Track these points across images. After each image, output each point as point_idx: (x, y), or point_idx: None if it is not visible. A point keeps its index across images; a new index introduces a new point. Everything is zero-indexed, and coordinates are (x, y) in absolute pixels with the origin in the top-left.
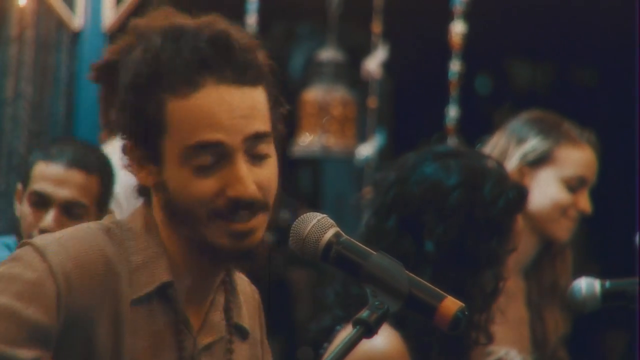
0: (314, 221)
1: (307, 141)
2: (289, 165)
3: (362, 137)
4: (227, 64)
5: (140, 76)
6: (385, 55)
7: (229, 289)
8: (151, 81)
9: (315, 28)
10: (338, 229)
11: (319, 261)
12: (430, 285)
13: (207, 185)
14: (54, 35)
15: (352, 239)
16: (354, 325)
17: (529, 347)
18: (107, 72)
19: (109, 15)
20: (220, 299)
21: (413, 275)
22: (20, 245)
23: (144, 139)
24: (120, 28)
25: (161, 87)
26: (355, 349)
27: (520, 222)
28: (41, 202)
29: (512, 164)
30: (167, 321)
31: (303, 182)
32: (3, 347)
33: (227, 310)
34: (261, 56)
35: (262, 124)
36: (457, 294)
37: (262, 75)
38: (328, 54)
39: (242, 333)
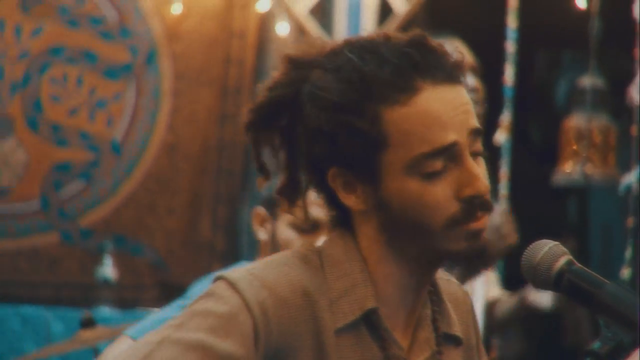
0: (546, 249)
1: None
2: (555, 195)
3: (625, 166)
4: (437, 65)
5: (344, 95)
6: None
7: (434, 299)
8: (360, 96)
9: (579, 55)
10: (570, 256)
11: (551, 289)
12: None
13: (439, 190)
14: None
15: (584, 268)
16: (585, 357)
17: None
18: (270, 112)
19: None
20: (427, 312)
21: None
22: (215, 279)
23: (355, 160)
24: None
25: (371, 99)
26: None
27: None
28: (309, 227)
29: None
30: (375, 347)
31: (569, 211)
32: None
33: (435, 322)
34: (463, 58)
35: (476, 120)
36: None
37: (462, 72)
38: (589, 81)
39: (454, 341)
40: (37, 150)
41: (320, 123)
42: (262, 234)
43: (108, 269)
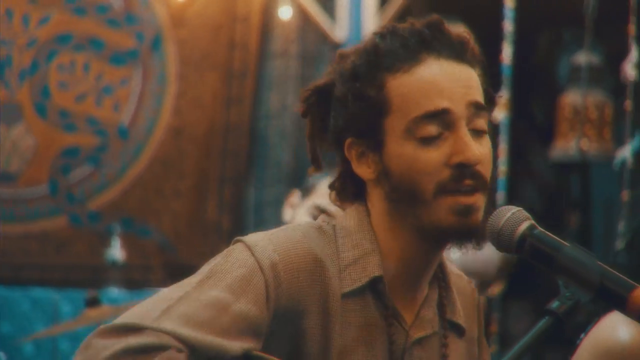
0: (509, 214)
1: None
2: (558, 171)
3: (620, 141)
4: (445, 43)
5: (359, 66)
6: (637, 57)
7: (442, 285)
8: (370, 67)
9: (580, 34)
10: (532, 221)
11: (514, 253)
12: (622, 276)
13: (432, 156)
14: (318, 48)
15: (545, 232)
16: (544, 316)
17: None
18: (317, 99)
19: (371, 26)
20: (434, 296)
21: (605, 267)
22: (234, 242)
23: (364, 127)
24: None
25: (380, 69)
26: (597, 334)
27: None
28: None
29: None
30: (379, 315)
31: (572, 187)
32: (214, 337)
33: (441, 306)
34: (474, 46)
35: (480, 97)
36: None
37: (476, 59)
38: (584, 58)
39: (457, 330)
40: (45, 135)
41: (340, 94)
42: (287, 216)
43: (116, 251)
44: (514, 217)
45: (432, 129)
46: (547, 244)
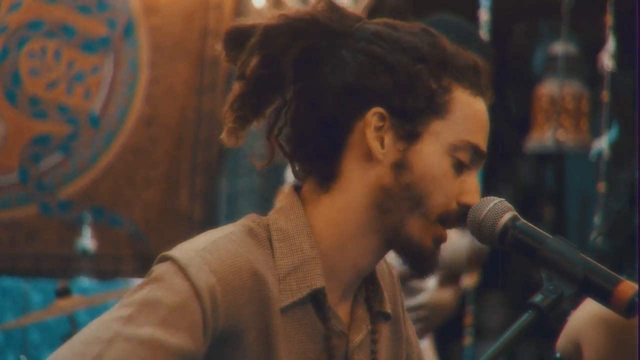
0: (491, 205)
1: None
2: (533, 163)
3: (597, 132)
4: (487, 85)
5: (428, 53)
6: (614, 47)
7: (368, 277)
8: (436, 61)
9: (556, 25)
10: (515, 212)
11: (496, 245)
12: (606, 269)
13: (456, 183)
14: None
15: (528, 223)
16: (527, 309)
17: None
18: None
19: None
20: (362, 290)
21: (589, 259)
22: (161, 259)
23: (410, 111)
24: None
25: (446, 71)
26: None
27: None
28: None
29: None
30: (319, 323)
31: (547, 179)
32: None
33: (369, 301)
34: None
35: None
36: None
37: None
38: (561, 48)
39: (383, 317)
40: (15, 123)
41: (388, 58)
42: None
43: (87, 241)
44: (496, 208)
45: (466, 159)
46: (530, 235)
